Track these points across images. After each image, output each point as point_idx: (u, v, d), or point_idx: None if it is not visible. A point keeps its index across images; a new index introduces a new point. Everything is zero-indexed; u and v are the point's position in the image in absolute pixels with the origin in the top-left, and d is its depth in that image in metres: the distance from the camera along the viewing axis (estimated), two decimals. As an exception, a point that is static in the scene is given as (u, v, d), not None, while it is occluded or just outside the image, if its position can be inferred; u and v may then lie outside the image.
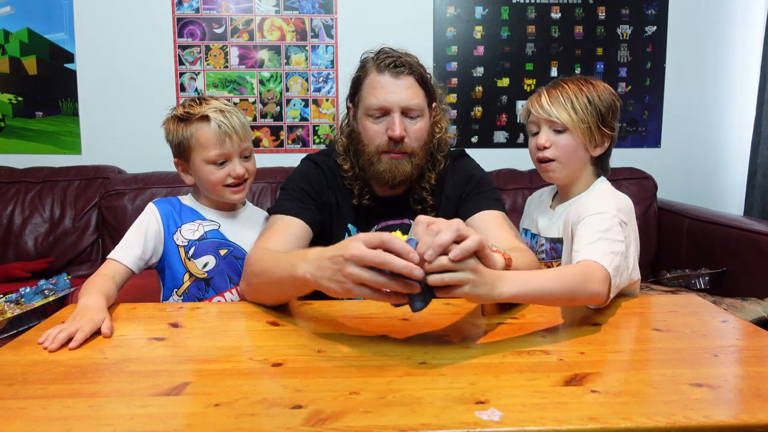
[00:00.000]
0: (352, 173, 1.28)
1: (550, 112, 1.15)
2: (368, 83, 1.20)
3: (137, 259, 1.20)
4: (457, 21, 2.54)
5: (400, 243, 0.77)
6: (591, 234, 1.01)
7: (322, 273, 0.83)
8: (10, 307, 1.58)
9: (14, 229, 2.22)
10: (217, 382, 0.74)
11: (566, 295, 0.90)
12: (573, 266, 0.96)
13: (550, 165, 1.17)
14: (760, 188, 2.45)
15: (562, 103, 1.14)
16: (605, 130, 1.17)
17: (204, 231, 1.26)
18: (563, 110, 1.14)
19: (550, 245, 1.23)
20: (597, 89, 1.17)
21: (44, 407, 0.67)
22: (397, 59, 1.18)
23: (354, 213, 1.29)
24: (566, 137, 1.15)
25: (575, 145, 1.15)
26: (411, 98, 1.17)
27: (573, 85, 1.17)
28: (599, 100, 1.16)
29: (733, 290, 1.85)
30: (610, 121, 1.17)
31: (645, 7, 2.58)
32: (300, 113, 2.56)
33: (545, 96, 1.17)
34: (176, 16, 2.47)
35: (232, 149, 1.21)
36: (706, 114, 2.67)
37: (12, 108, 2.49)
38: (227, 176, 1.22)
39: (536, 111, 1.17)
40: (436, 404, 0.67)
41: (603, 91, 1.17)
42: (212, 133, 1.19)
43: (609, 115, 1.17)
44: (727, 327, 0.97)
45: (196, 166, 1.23)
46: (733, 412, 0.66)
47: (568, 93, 1.15)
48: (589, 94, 1.15)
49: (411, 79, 1.18)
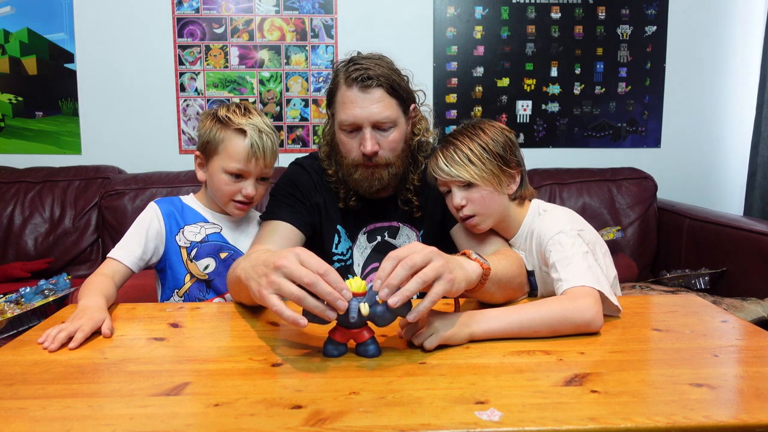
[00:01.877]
0: (336, 178, 1.27)
1: (450, 173, 1.13)
2: (339, 97, 1.18)
3: (137, 259, 1.19)
4: (457, 21, 2.54)
5: (336, 277, 0.77)
6: (560, 261, 1.02)
7: (252, 272, 0.84)
8: (10, 307, 1.58)
9: (14, 229, 2.22)
10: (217, 382, 0.74)
11: (551, 322, 0.91)
12: (556, 297, 0.98)
13: (473, 220, 1.16)
14: (760, 188, 2.45)
15: (459, 161, 1.13)
16: (510, 169, 1.16)
17: (206, 233, 1.26)
18: (462, 168, 1.13)
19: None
20: (488, 133, 1.16)
21: (44, 407, 0.67)
22: (365, 72, 1.15)
23: (342, 215, 1.29)
24: (476, 191, 1.14)
25: (488, 194, 1.14)
26: (381, 111, 1.15)
27: (464, 137, 1.16)
28: (494, 144, 1.14)
29: (733, 290, 1.85)
30: (511, 158, 1.16)
31: (645, 7, 2.58)
32: (300, 113, 2.56)
33: (442, 158, 1.15)
34: (176, 16, 2.47)
35: (253, 170, 1.21)
36: (706, 114, 2.67)
37: (12, 108, 2.49)
38: (238, 192, 1.22)
39: (438, 175, 1.16)
40: (436, 404, 0.67)
41: (494, 134, 1.16)
42: (242, 149, 1.19)
43: (508, 153, 1.16)
44: (727, 327, 0.97)
45: (214, 169, 1.22)
46: (733, 412, 0.66)
47: (461, 149, 1.14)
48: (482, 141, 1.14)
49: (380, 91, 1.15)
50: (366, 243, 1.27)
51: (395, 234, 1.28)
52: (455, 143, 1.15)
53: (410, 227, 1.28)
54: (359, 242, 1.28)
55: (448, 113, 2.59)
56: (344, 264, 1.28)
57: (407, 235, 1.28)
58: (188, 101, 2.52)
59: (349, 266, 1.27)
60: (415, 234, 1.28)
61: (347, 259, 1.28)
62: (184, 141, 2.54)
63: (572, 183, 2.34)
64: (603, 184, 2.36)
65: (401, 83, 1.20)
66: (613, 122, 2.63)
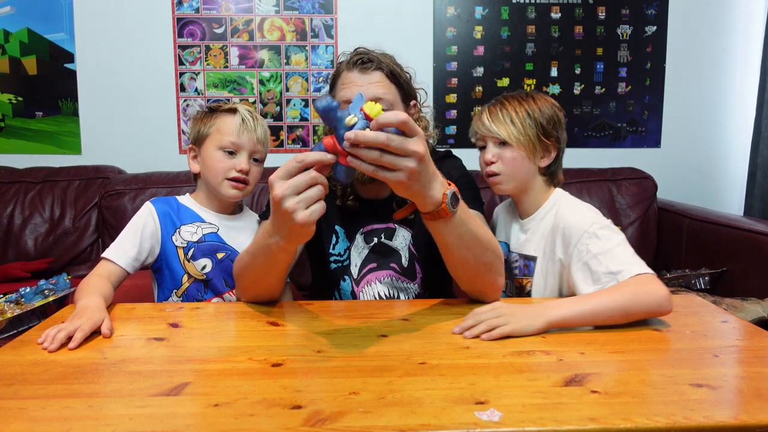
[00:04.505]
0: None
1: (490, 128, 1.19)
2: (339, 82, 1.21)
3: (132, 259, 1.19)
4: (457, 21, 2.54)
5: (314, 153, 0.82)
6: (603, 253, 1.05)
7: (272, 217, 0.89)
8: (10, 307, 1.58)
9: (14, 229, 2.22)
10: (217, 382, 0.74)
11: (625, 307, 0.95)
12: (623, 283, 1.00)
13: (496, 178, 1.21)
14: (760, 188, 2.45)
15: (501, 119, 1.19)
16: (548, 141, 1.21)
17: (203, 233, 1.25)
18: (502, 126, 1.19)
19: (523, 262, 1.24)
20: (537, 103, 1.21)
21: (43, 407, 0.67)
22: (366, 56, 1.18)
23: (340, 214, 1.29)
24: (509, 151, 1.19)
25: (519, 157, 1.19)
26: (377, 89, 1.17)
27: (513, 100, 1.22)
28: (539, 113, 1.20)
29: (733, 290, 1.84)
30: (552, 131, 1.22)
31: (645, 7, 2.58)
32: (300, 113, 2.56)
33: (486, 113, 1.22)
34: (176, 16, 2.47)
35: (246, 144, 1.24)
36: (706, 114, 2.67)
37: (12, 108, 2.49)
38: (232, 168, 1.23)
39: (478, 128, 1.23)
40: (436, 404, 0.67)
41: (543, 104, 1.21)
42: (233, 123, 1.24)
43: (550, 126, 1.21)
44: (727, 327, 0.97)
45: (207, 152, 1.25)
46: (733, 413, 0.66)
47: (507, 109, 1.20)
48: (529, 108, 1.20)
49: (379, 73, 1.18)
50: (363, 243, 1.27)
51: (391, 235, 1.28)
52: (504, 103, 1.21)
53: (405, 228, 1.28)
54: (357, 243, 1.28)
55: (448, 113, 2.59)
56: (341, 264, 1.27)
57: (403, 236, 1.28)
58: (188, 101, 2.52)
59: (346, 267, 1.27)
60: (409, 234, 1.28)
61: (344, 260, 1.27)
62: (184, 141, 2.54)
63: (572, 183, 2.34)
64: (603, 184, 2.36)
65: (402, 75, 1.22)
66: (613, 122, 2.63)
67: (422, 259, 1.26)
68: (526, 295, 1.22)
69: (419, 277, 1.26)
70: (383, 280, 1.25)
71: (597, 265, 1.04)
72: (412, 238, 1.27)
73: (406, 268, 1.26)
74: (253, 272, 1.05)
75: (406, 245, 1.27)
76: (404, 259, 1.26)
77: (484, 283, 1.05)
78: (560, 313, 0.93)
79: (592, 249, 1.06)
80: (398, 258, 1.26)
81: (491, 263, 1.02)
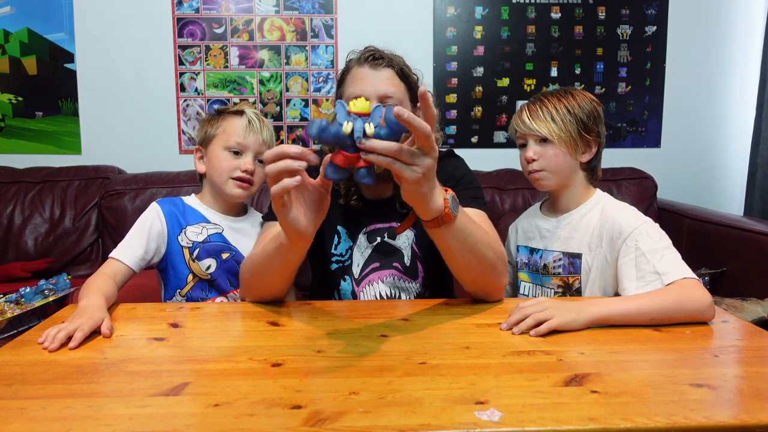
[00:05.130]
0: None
1: (531, 126, 1.21)
2: (349, 77, 1.22)
3: (139, 259, 1.20)
4: (457, 21, 2.54)
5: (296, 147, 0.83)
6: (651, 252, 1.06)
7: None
8: (10, 307, 1.58)
9: (14, 229, 2.22)
10: (217, 382, 0.74)
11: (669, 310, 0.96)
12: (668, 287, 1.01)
13: (539, 174, 1.22)
14: (760, 188, 2.45)
15: (542, 116, 1.20)
16: (589, 136, 1.21)
17: (208, 234, 1.26)
18: (543, 123, 1.19)
19: (568, 260, 1.23)
20: (576, 99, 1.22)
21: (44, 407, 0.67)
22: (377, 53, 1.20)
23: (343, 214, 1.29)
24: (551, 148, 1.20)
25: (561, 154, 1.20)
26: (388, 87, 1.17)
27: (552, 97, 1.22)
28: (579, 109, 1.20)
29: (733, 290, 1.84)
30: (593, 127, 1.22)
31: (645, 7, 2.58)
32: (300, 113, 2.56)
33: (526, 111, 1.23)
34: (176, 16, 2.47)
35: (252, 145, 1.27)
36: (706, 114, 2.67)
37: (12, 108, 2.49)
38: (237, 168, 1.25)
39: (519, 127, 1.24)
40: (436, 404, 0.67)
41: (582, 100, 1.22)
42: (240, 124, 1.27)
43: (591, 121, 1.21)
44: (727, 327, 0.97)
45: (214, 152, 1.27)
46: (734, 413, 0.66)
47: (547, 106, 1.21)
48: (568, 104, 1.20)
49: (389, 71, 1.19)
50: (366, 243, 1.27)
51: (392, 236, 1.28)
52: (543, 100, 1.22)
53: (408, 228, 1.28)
54: (359, 243, 1.28)
55: (448, 113, 2.59)
56: (342, 265, 1.27)
57: (406, 235, 1.28)
58: (188, 101, 2.52)
59: (347, 267, 1.27)
60: (412, 234, 1.28)
61: (346, 260, 1.27)
62: (184, 141, 2.54)
63: (572, 183, 2.34)
64: (603, 184, 2.31)
65: (411, 75, 1.23)
66: (613, 122, 2.63)
67: (425, 258, 1.26)
68: (575, 293, 1.22)
69: (421, 277, 1.26)
70: (385, 279, 1.25)
71: (645, 263, 1.06)
72: (415, 237, 1.27)
73: (409, 267, 1.26)
74: (265, 271, 1.07)
75: (409, 244, 1.27)
76: (407, 257, 1.26)
77: (488, 283, 1.07)
78: (606, 309, 0.94)
79: (642, 246, 1.07)
80: (401, 257, 1.26)
81: (494, 264, 1.03)
